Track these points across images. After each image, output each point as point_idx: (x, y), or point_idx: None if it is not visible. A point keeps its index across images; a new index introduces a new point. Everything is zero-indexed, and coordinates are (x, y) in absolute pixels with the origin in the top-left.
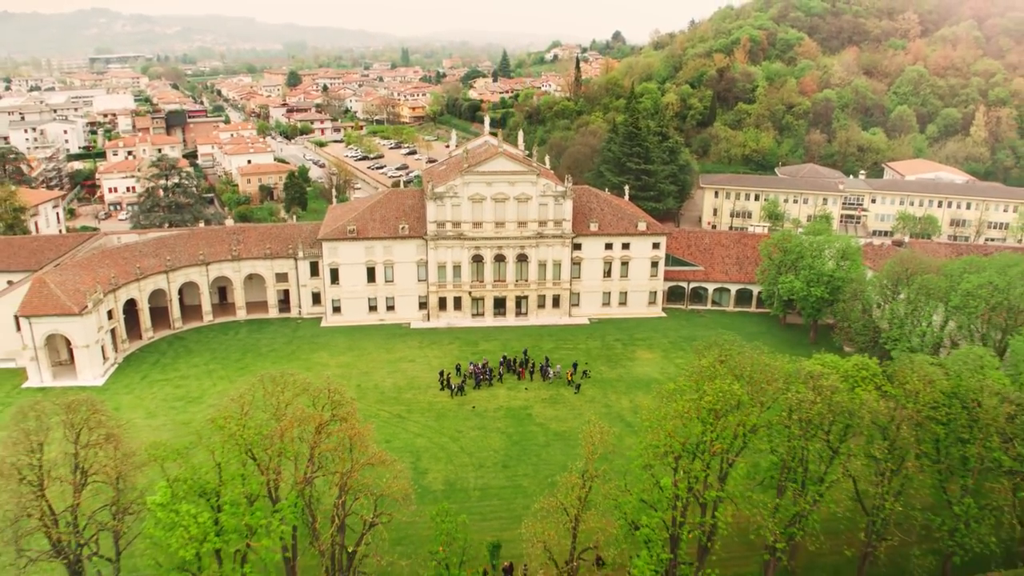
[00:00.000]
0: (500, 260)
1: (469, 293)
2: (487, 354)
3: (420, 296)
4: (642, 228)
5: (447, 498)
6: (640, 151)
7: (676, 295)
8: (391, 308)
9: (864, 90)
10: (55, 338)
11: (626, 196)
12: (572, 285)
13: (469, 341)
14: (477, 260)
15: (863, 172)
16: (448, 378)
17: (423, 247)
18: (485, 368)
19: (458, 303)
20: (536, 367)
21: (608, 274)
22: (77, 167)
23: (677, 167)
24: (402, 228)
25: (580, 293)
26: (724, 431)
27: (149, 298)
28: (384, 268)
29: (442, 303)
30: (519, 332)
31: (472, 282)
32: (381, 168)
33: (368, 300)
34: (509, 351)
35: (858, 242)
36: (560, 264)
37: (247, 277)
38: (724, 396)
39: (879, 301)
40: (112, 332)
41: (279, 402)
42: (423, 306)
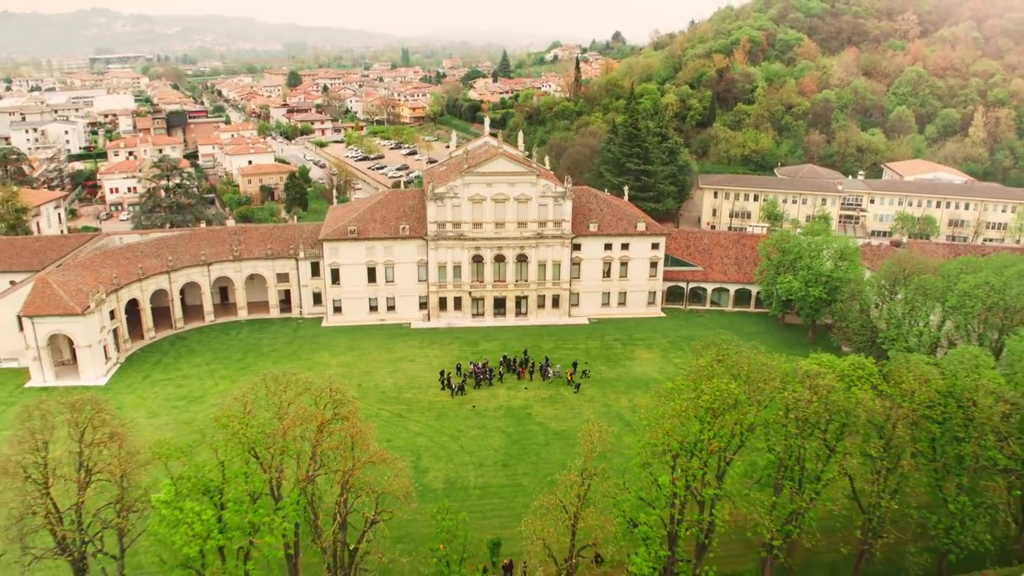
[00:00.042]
0: (500, 260)
1: (469, 293)
2: (487, 354)
3: (420, 296)
4: (641, 228)
5: (447, 496)
6: (640, 152)
7: (675, 295)
8: (392, 308)
9: (863, 91)
10: (58, 338)
11: (625, 197)
12: (572, 285)
13: (469, 341)
14: (477, 260)
15: (862, 173)
16: (448, 378)
17: (423, 247)
18: (485, 368)
19: (458, 303)
20: (536, 367)
21: (607, 274)
22: (78, 167)
23: (676, 168)
24: (403, 228)
25: (580, 293)
26: (721, 430)
27: (151, 298)
28: (385, 268)
29: (442, 303)
30: (519, 332)
31: (472, 282)
32: (381, 168)
33: (369, 300)
34: (509, 351)
35: (856, 242)
36: (560, 264)
37: (248, 277)
38: (721, 395)
39: (877, 301)
40: (114, 332)
41: (281, 401)
42: (423, 306)
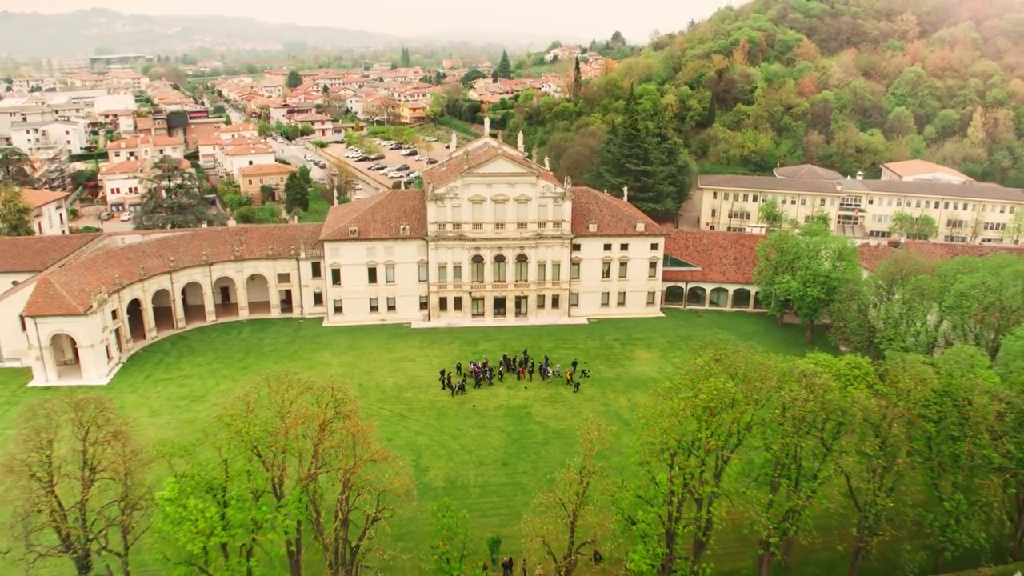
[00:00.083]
0: (500, 261)
1: (469, 293)
2: (487, 354)
3: (421, 296)
4: (640, 229)
5: (448, 495)
6: (639, 152)
7: (674, 295)
8: (392, 308)
9: (862, 91)
10: (60, 338)
11: (625, 197)
12: (571, 285)
13: (469, 341)
14: (477, 261)
15: (861, 173)
16: (449, 377)
17: (424, 248)
18: (485, 367)
19: (458, 303)
20: (535, 366)
21: (607, 274)
22: (79, 168)
23: (676, 168)
24: (403, 229)
25: (579, 293)
26: (719, 428)
27: (153, 298)
28: (385, 269)
29: (443, 303)
30: (519, 332)
31: (472, 282)
32: (382, 169)
33: (369, 300)
34: (509, 351)
35: (854, 243)
36: (559, 265)
37: (249, 277)
38: (719, 394)
39: (874, 301)
40: (116, 332)
41: (283, 400)
42: (424, 306)
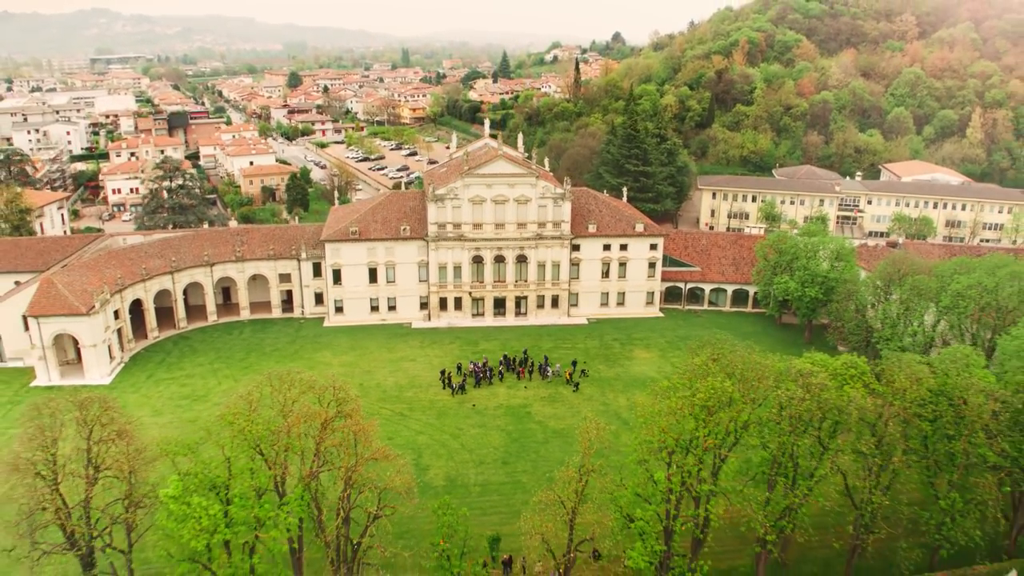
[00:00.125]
0: (500, 261)
1: (469, 293)
2: (487, 353)
3: (421, 296)
4: (640, 229)
5: (448, 493)
6: (638, 153)
7: (673, 295)
8: (393, 308)
9: (861, 92)
10: (63, 337)
11: (624, 198)
12: (571, 286)
13: (469, 341)
14: (477, 261)
15: (860, 173)
16: (449, 377)
17: (424, 248)
18: (485, 367)
19: (459, 303)
20: (535, 366)
21: (606, 275)
22: (80, 168)
23: (675, 168)
24: (403, 229)
25: (579, 293)
26: (716, 427)
27: (154, 298)
28: (386, 269)
29: (443, 303)
30: (519, 332)
31: (472, 283)
32: (382, 169)
33: (370, 300)
34: (509, 351)
35: (852, 243)
36: (559, 265)
37: (251, 278)
38: (716, 393)
39: (872, 301)
40: (118, 332)
41: (286, 399)
42: (424, 306)
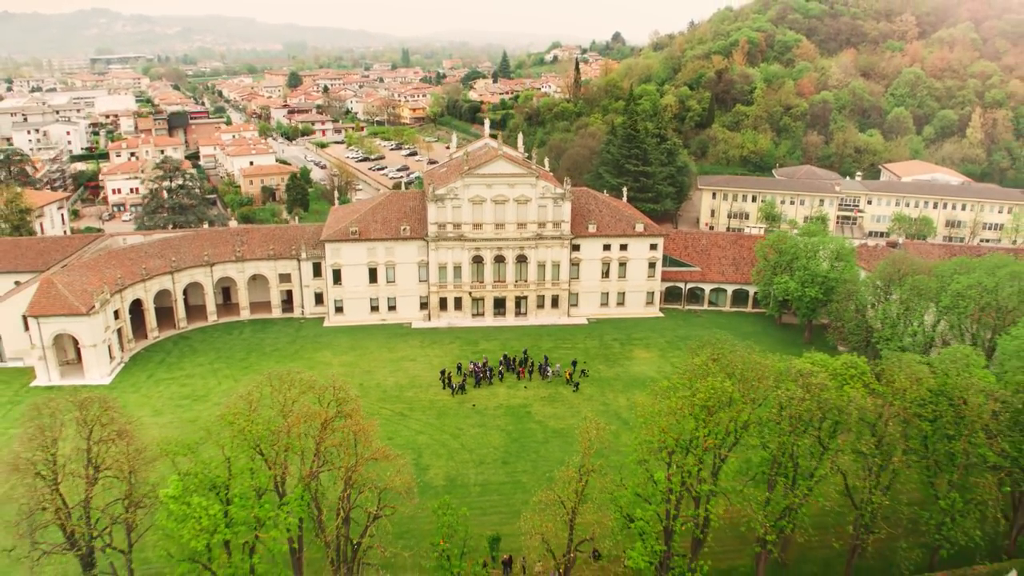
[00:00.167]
0: (500, 261)
1: (469, 293)
2: (487, 353)
3: (421, 296)
4: (640, 229)
5: (448, 493)
6: (638, 153)
7: (673, 295)
8: (393, 308)
9: (861, 92)
10: (63, 337)
11: (624, 198)
12: (571, 286)
13: (469, 341)
14: (477, 261)
15: (860, 173)
16: (449, 377)
17: (424, 248)
18: (485, 367)
19: (459, 303)
20: (535, 366)
21: (606, 275)
22: (80, 168)
23: (675, 168)
24: (403, 229)
25: (579, 293)
26: (716, 427)
27: (154, 298)
28: (386, 269)
29: (443, 303)
30: (519, 332)
31: (472, 283)
32: (382, 169)
33: (370, 300)
34: (509, 351)
35: (852, 243)
36: (559, 265)
37: (251, 278)
38: (716, 393)
39: (872, 301)
40: (118, 332)
41: (286, 399)
42: (424, 306)
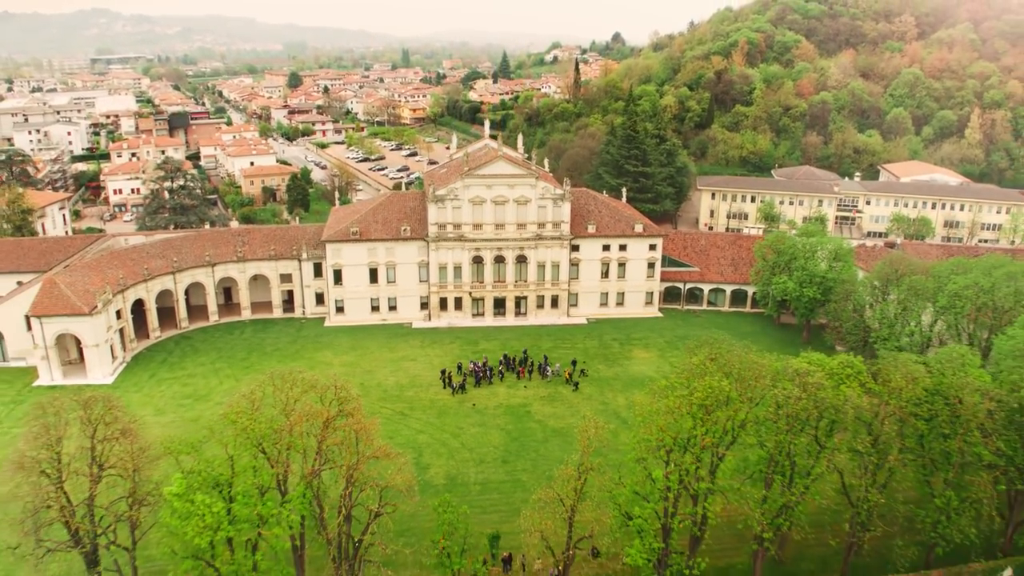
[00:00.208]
0: (500, 261)
1: (469, 294)
2: (487, 353)
3: (421, 296)
4: (639, 230)
5: (448, 492)
6: (638, 153)
7: (672, 295)
8: (393, 308)
9: (860, 92)
10: (65, 337)
11: (624, 198)
12: (570, 286)
13: (469, 340)
14: (477, 261)
15: (858, 174)
16: (449, 376)
17: (424, 248)
18: (485, 367)
19: (459, 303)
20: (535, 366)
21: (606, 275)
22: (81, 169)
23: (675, 169)
24: (404, 230)
25: (578, 293)
26: (714, 426)
27: (156, 298)
28: (386, 269)
29: (443, 303)
30: (518, 332)
31: (472, 283)
32: (382, 170)
33: (371, 300)
34: (509, 350)
35: (850, 244)
36: (559, 265)
37: (252, 278)
38: (714, 392)
39: (870, 302)
40: (121, 331)
41: (288, 398)
42: (424, 306)
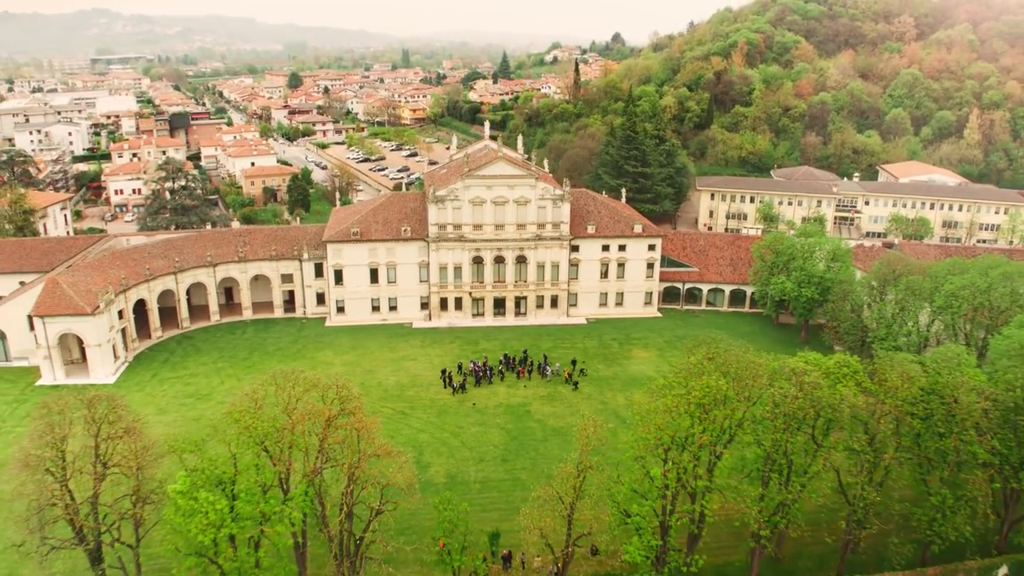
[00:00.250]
0: (500, 261)
1: (470, 294)
2: (487, 353)
3: (422, 296)
4: (638, 230)
5: (449, 490)
6: (637, 154)
7: (671, 295)
8: (394, 308)
9: (859, 93)
10: (67, 337)
11: (623, 199)
12: (570, 286)
13: (470, 340)
14: (477, 261)
15: (857, 174)
16: (449, 376)
17: (425, 249)
18: (485, 366)
19: (459, 303)
20: (535, 366)
21: (605, 275)
22: (82, 169)
23: (674, 169)
24: (404, 230)
25: (578, 294)
26: (711, 425)
27: (158, 298)
28: (387, 269)
29: (443, 303)
30: (518, 332)
31: (472, 283)
32: (383, 170)
33: (371, 300)
34: (509, 350)
35: (848, 244)
36: (558, 265)
37: (253, 278)
38: (711, 392)
39: (868, 302)
40: (123, 331)
41: (290, 397)
42: (425, 306)
